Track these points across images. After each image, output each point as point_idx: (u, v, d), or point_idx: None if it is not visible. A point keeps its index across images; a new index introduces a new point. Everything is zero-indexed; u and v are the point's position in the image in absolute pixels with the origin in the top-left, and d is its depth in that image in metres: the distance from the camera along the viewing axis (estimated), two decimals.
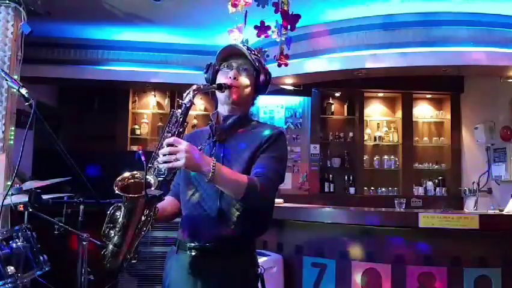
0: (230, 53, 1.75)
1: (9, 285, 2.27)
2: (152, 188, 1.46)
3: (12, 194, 2.57)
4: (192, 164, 1.44)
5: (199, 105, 6.43)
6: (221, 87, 1.67)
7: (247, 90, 1.74)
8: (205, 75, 1.80)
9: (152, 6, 4.52)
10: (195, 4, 4.49)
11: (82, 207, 2.72)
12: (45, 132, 1.86)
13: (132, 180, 1.55)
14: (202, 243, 1.63)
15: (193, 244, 1.64)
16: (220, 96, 1.72)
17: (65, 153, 1.85)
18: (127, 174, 1.56)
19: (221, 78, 1.73)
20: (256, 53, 1.81)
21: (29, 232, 2.50)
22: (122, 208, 1.51)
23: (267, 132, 1.69)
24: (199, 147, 1.63)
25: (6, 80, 1.89)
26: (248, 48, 1.77)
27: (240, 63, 1.73)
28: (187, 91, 1.59)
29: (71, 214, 2.74)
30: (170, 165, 1.44)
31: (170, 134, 1.53)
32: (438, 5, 4.53)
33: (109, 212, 1.54)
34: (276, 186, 1.65)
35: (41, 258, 2.52)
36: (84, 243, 2.67)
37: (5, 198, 2.26)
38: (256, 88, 1.77)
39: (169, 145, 1.45)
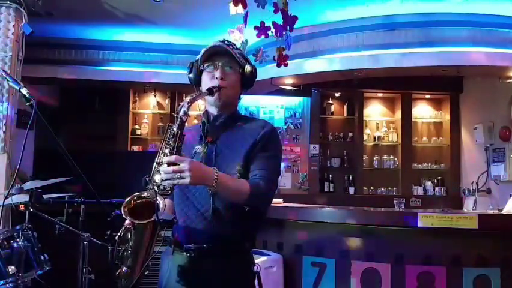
0: (213, 52, 1.73)
1: (11, 284, 2.28)
2: (161, 210, 1.48)
3: (13, 194, 2.57)
4: (197, 180, 1.47)
5: (200, 105, 6.38)
6: (212, 92, 1.66)
7: (235, 88, 1.74)
8: (189, 75, 1.79)
9: (152, 7, 4.53)
10: (195, 4, 4.50)
11: (82, 206, 2.73)
12: (46, 133, 1.86)
13: (139, 201, 1.56)
14: (198, 244, 1.62)
15: (189, 245, 1.64)
16: (209, 97, 1.71)
17: (66, 153, 1.86)
18: (130, 197, 1.57)
19: (207, 80, 1.72)
20: (238, 47, 1.79)
21: (30, 232, 2.50)
22: (133, 231, 1.52)
23: (259, 129, 1.69)
24: (193, 151, 1.66)
25: (8, 80, 1.90)
26: (229, 44, 1.75)
27: (224, 61, 1.72)
28: (182, 104, 1.59)
29: (72, 214, 2.75)
30: (175, 182, 1.45)
31: (168, 150, 1.54)
32: (437, 5, 4.54)
33: (119, 234, 1.54)
34: (277, 183, 1.68)
35: (42, 257, 2.52)
36: (85, 242, 2.68)
37: (6, 198, 2.27)
38: (242, 84, 1.77)
39: (170, 163, 1.45)
